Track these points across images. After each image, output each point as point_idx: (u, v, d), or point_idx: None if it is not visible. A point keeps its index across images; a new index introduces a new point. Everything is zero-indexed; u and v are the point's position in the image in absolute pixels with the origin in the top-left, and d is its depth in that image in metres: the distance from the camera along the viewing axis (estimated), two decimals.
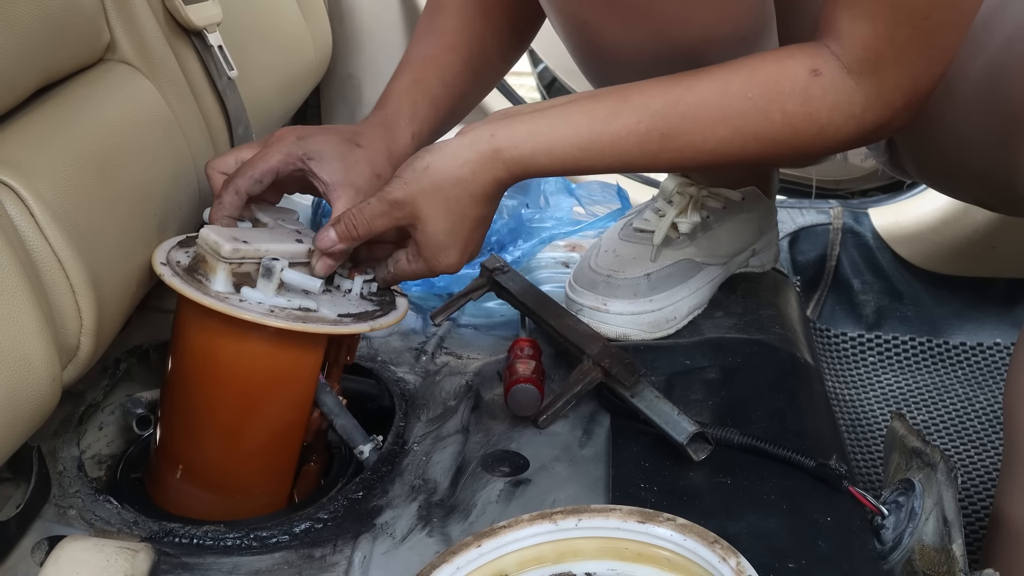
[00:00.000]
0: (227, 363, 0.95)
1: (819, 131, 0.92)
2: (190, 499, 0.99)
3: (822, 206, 1.69)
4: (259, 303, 0.92)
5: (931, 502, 0.89)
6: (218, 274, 0.93)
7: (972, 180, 1.08)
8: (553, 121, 0.94)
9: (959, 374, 1.60)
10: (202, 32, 1.29)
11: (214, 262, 0.93)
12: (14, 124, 0.92)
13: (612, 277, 1.19)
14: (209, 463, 0.98)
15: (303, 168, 1.01)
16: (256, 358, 0.94)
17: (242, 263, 0.93)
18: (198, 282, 0.93)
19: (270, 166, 1.00)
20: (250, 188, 1.00)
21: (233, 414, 0.97)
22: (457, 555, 0.75)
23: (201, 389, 0.96)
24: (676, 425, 0.96)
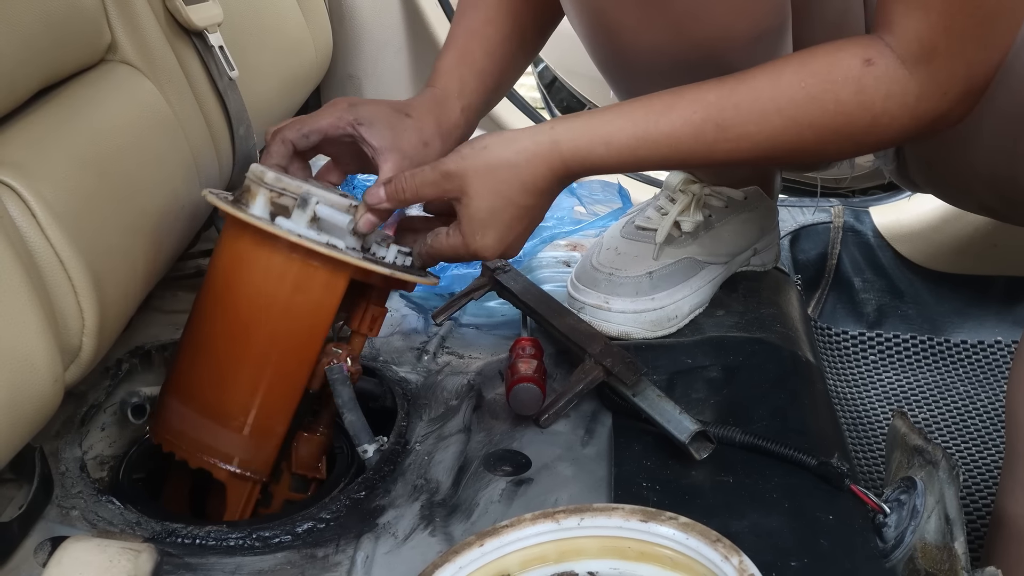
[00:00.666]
0: (250, 280, 0.98)
1: (873, 120, 0.92)
2: (183, 422, 1.00)
3: (823, 204, 1.69)
4: (290, 230, 0.94)
5: (933, 500, 0.89)
6: (257, 199, 0.96)
7: (980, 186, 1.07)
8: (610, 116, 0.96)
9: (960, 372, 1.60)
10: (203, 32, 1.29)
11: (256, 188, 0.97)
12: (15, 125, 0.92)
13: (614, 275, 1.19)
14: (215, 382, 0.99)
15: (352, 133, 1.03)
16: (278, 278, 0.97)
17: (282, 194, 0.96)
18: (239, 209, 0.96)
19: (319, 125, 1.04)
20: (296, 140, 1.03)
21: (247, 333, 0.98)
22: (459, 554, 0.75)
23: (221, 306, 0.99)
24: (678, 424, 0.96)
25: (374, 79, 2.05)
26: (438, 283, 1.05)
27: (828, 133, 0.94)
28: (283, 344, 0.98)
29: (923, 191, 1.30)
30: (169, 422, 1.01)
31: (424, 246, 1.02)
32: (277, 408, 0.99)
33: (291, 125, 1.05)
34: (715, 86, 0.94)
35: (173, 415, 1.01)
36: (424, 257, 1.03)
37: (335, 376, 0.99)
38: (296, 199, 0.95)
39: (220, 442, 0.99)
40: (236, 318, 0.98)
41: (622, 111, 0.96)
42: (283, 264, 0.96)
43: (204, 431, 0.99)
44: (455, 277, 1.34)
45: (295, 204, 0.95)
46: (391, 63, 2.06)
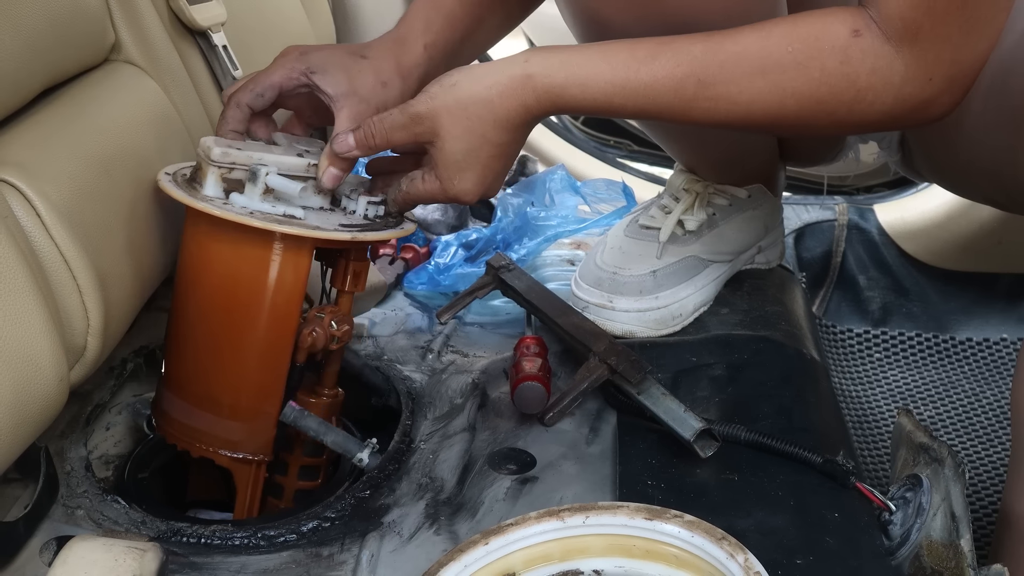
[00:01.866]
0: (212, 265, 0.96)
1: (856, 95, 0.89)
2: (180, 413, 1.00)
3: (827, 202, 1.68)
4: (243, 207, 0.93)
5: (939, 498, 0.89)
6: (208, 179, 0.94)
7: (982, 178, 1.07)
8: (590, 55, 0.92)
9: (965, 369, 1.60)
10: (206, 32, 1.29)
11: (206, 167, 0.95)
12: (20, 125, 0.92)
13: (618, 274, 1.19)
14: (199, 372, 0.99)
15: (307, 82, 1.01)
16: (240, 261, 0.95)
17: (232, 168, 0.94)
18: (194, 190, 0.94)
19: (272, 81, 1.01)
20: (251, 101, 1.01)
21: (220, 318, 0.97)
22: (465, 553, 0.75)
23: (192, 295, 0.98)
24: (683, 422, 0.96)
25: None
26: (415, 231, 1.02)
27: (810, 103, 0.90)
28: (258, 324, 0.96)
29: (929, 181, 1.30)
30: (168, 414, 1.01)
31: (399, 192, 1.00)
32: (265, 388, 0.98)
33: (244, 87, 1.02)
34: (702, 40, 0.91)
35: (170, 407, 1.01)
36: (400, 204, 1.00)
37: (291, 417, 0.98)
38: (247, 172, 0.94)
39: (216, 429, 0.99)
40: (208, 305, 0.97)
41: (604, 53, 0.92)
42: (243, 246, 0.94)
43: (199, 420, 0.99)
44: (459, 276, 1.34)
45: (247, 177, 0.94)
46: None
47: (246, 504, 1.01)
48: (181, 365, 1.00)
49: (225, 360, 0.98)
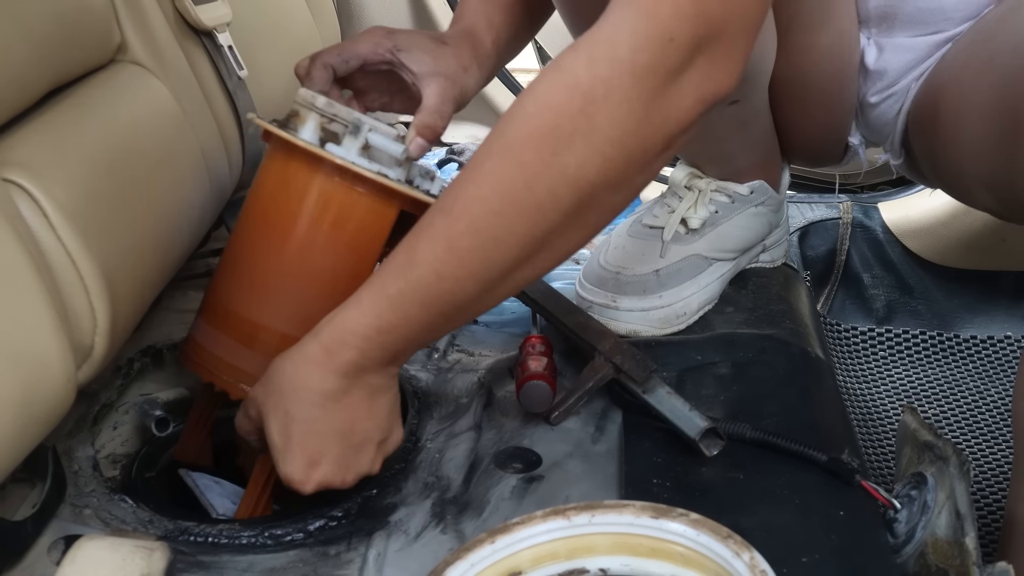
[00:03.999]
0: (299, 205, 0.96)
1: (585, 101, 0.75)
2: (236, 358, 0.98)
3: (831, 201, 1.68)
4: (343, 157, 0.94)
5: (943, 495, 0.89)
6: (308, 124, 0.95)
7: (981, 189, 1.07)
8: (355, 300, 0.85)
9: (970, 367, 1.60)
10: (212, 32, 1.29)
11: (306, 113, 0.95)
12: (26, 125, 0.92)
13: (621, 274, 1.19)
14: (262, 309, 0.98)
15: (391, 60, 1.01)
16: (329, 206, 0.96)
17: (333, 120, 0.95)
18: (288, 131, 0.95)
19: (359, 51, 1.02)
20: (337, 65, 1.01)
21: (295, 260, 0.97)
22: (471, 552, 0.75)
23: (269, 231, 0.98)
24: (688, 421, 0.96)
25: None
26: None
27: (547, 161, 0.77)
28: (333, 272, 0.96)
29: (932, 186, 1.30)
30: (210, 351, 0.99)
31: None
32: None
33: (329, 51, 1.02)
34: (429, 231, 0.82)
35: (214, 343, 0.99)
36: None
37: None
38: (347, 125, 0.94)
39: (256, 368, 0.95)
40: (284, 245, 0.97)
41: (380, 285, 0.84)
42: (335, 191, 0.95)
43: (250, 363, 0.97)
44: None
45: (346, 131, 0.95)
46: None
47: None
48: (240, 300, 0.99)
49: (293, 301, 0.97)
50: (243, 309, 0.98)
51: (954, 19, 1.07)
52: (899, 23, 1.11)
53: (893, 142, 1.18)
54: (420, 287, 0.82)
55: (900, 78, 1.12)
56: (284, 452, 0.88)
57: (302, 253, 0.97)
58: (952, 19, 1.07)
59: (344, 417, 0.87)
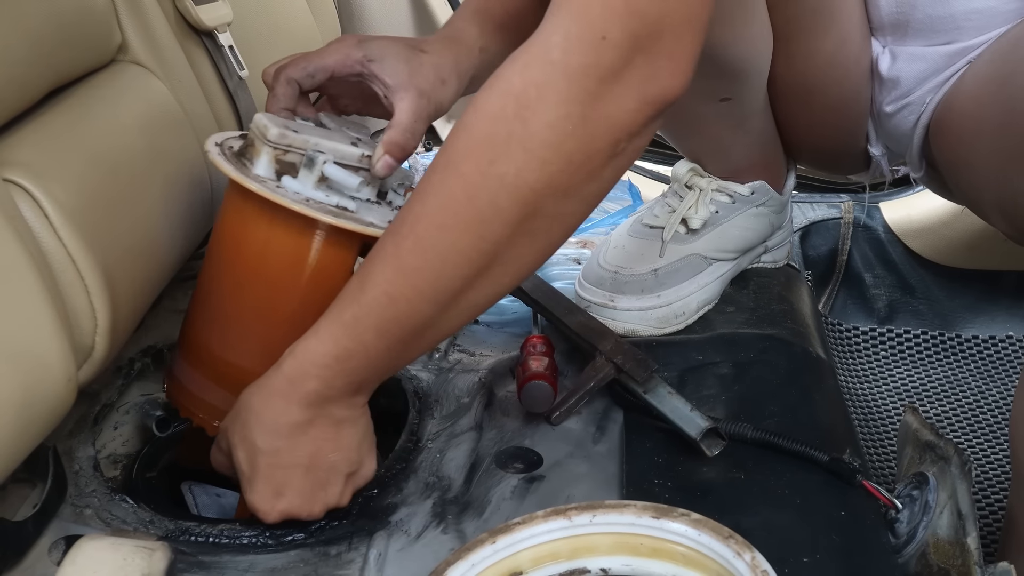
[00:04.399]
0: (257, 248, 0.94)
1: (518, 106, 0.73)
2: (202, 391, 0.98)
3: (833, 200, 1.68)
4: (296, 193, 0.90)
5: (945, 495, 0.89)
6: (261, 158, 0.92)
7: (994, 211, 1.06)
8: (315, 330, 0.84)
9: (972, 367, 1.60)
10: (213, 32, 1.29)
11: (260, 145, 0.92)
12: (27, 126, 0.92)
13: (619, 273, 1.19)
14: (229, 348, 0.96)
15: (362, 71, 0.97)
16: (286, 247, 0.93)
17: (288, 151, 0.91)
18: (243, 165, 0.92)
19: (325, 63, 0.97)
20: (301, 79, 0.97)
21: (258, 300, 0.95)
22: (472, 552, 0.75)
23: (230, 273, 0.96)
24: (689, 421, 0.96)
25: None
26: None
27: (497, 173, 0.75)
28: (299, 309, 0.94)
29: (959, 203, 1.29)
30: (185, 387, 0.99)
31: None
32: None
33: (295, 63, 0.98)
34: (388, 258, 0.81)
35: (188, 380, 0.99)
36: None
37: None
38: (302, 156, 0.91)
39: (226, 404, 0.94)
40: (249, 285, 0.95)
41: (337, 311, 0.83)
42: (290, 232, 0.92)
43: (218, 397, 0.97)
44: None
45: (301, 162, 0.91)
46: None
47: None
48: (209, 339, 0.98)
49: (259, 339, 0.96)
50: (216, 347, 0.97)
51: (965, 29, 1.06)
52: (911, 31, 1.10)
53: (911, 154, 1.17)
54: (374, 311, 0.81)
55: (914, 88, 1.12)
56: (251, 482, 0.87)
57: (267, 293, 0.95)
58: (963, 29, 1.06)
59: (309, 449, 0.86)
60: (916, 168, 1.19)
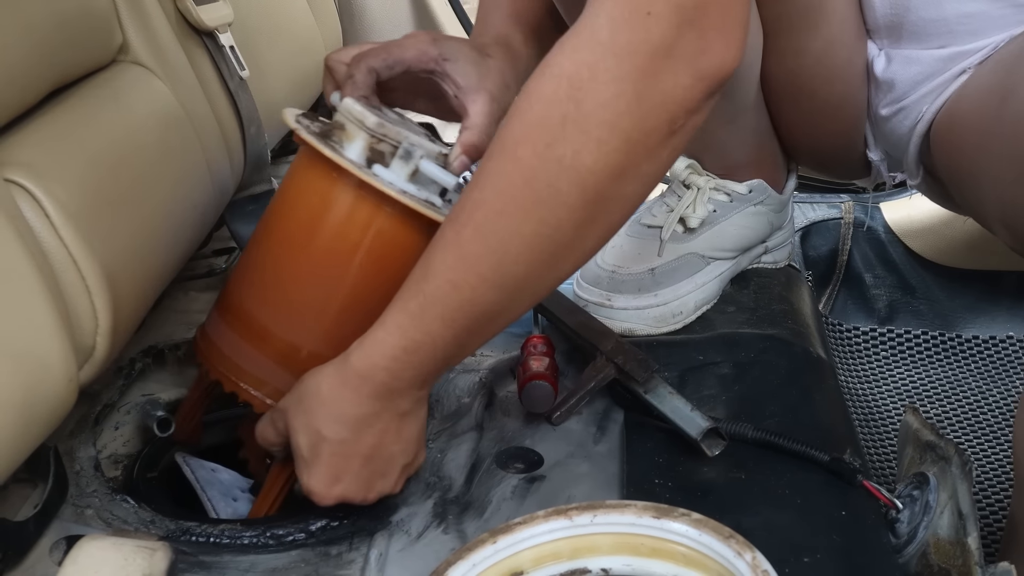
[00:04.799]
0: (340, 230, 0.93)
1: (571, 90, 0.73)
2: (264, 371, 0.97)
3: (833, 200, 1.68)
4: (390, 183, 0.91)
5: (946, 495, 0.89)
6: (355, 143, 0.92)
7: (998, 224, 1.05)
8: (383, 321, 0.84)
9: (972, 367, 1.60)
10: (213, 33, 1.29)
11: (355, 131, 0.92)
12: (28, 126, 0.92)
13: (616, 272, 1.19)
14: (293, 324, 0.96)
15: (436, 69, 0.97)
16: (371, 232, 0.93)
17: (382, 140, 0.92)
18: (331, 147, 0.92)
19: (404, 57, 0.98)
20: (381, 69, 0.97)
21: (330, 282, 0.95)
22: (473, 552, 0.75)
23: (303, 251, 0.95)
24: (690, 421, 0.96)
25: None
26: None
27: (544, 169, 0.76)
28: (367, 294, 0.94)
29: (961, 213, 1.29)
30: (224, 353, 0.98)
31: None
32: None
33: (375, 53, 0.97)
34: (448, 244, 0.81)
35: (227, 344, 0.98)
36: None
37: None
38: (396, 147, 0.92)
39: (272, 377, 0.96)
40: (317, 262, 0.95)
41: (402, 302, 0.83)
42: (382, 219, 0.92)
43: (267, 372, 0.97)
44: None
45: (394, 153, 0.92)
46: None
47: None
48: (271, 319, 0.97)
49: (338, 318, 0.96)
50: (271, 323, 0.97)
51: (958, 33, 1.06)
52: (905, 34, 1.10)
53: (908, 161, 1.17)
54: (438, 299, 0.81)
55: (909, 92, 1.11)
56: (309, 466, 0.88)
57: (345, 278, 0.95)
58: (956, 33, 1.06)
59: (373, 441, 0.87)
60: (913, 175, 1.18)
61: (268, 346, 0.97)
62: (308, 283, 0.96)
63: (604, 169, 0.75)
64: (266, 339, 0.97)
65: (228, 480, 1.06)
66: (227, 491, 1.05)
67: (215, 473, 1.06)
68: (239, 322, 0.98)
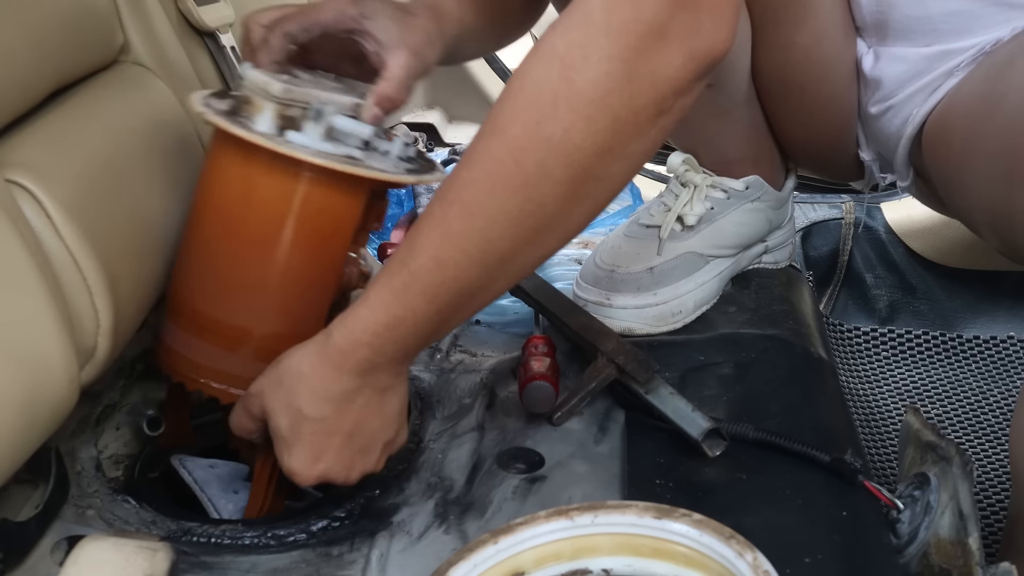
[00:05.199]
0: (266, 205, 0.92)
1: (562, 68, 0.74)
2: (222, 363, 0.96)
3: (834, 200, 1.68)
4: (304, 147, 0.89)
5: (947, 496, 0.89)
6: (264, 114, 0.91)
7: (986, 228, 1.05)
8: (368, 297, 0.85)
9: (973, 367, 1.60)
10: (215, 33, 1.29)
11: (262, 102, 0.91)
12: (30, 126, 0.92)
13: (615, 272, 1.19)
14: (232, 311, 0.95)
15: (355, 28, 0.98)
16: (297, 201, 0.91)
17: (290, 105, 0.91)
18: (240, 124, 0.90)
19: (320, 19, 0.98)
20: (297, 33, 0.98)
21: (266, 259, 0.93)
22: (474, 552, 0.75)
23: (233, 234, 0.94)
24: (691, 421, 0.96)
25: None
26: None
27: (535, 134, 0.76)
28: (307, 263, 0.94)
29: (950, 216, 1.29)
30: (181, 353, 0.98)
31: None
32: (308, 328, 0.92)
33: (291, 18, 0.98)
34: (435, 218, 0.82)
35: (194, 351, 0.97)
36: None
37: None
38: (306, 109, 0.91)
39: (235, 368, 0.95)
40: (250, 242, 0.93)
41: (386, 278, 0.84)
42: (306, 187, 0.91)
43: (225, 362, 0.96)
44: None
45: (305, 115, 0.91)
46: None
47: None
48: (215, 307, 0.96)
49: (269, 299, 0.95)
50: (218, 312, 0.96)
51: (943, 32, 1.06)
52: (891, 32, 1.10)
53: (897, 163, 1.17)
54: (422, 276, 0.81)
55: (897, 90, 1.11)
56: (290, 447, 0.88)
57: (281, 253, 0.93)
58: (941, 31, 1.06)
59: (355, 418, 0.87)
60: (903, 177, 1.18)
61: (220, 337, 0.96)
62: (245, 264, 0.94)
63: (592, 147, 0.76)
64: (216, 330, 0.96)
65: (228, 473, 1.06)
66: (227, 485, 1.05)
67: (213, 469, 1.06)
68: (187, 320, 0.97)
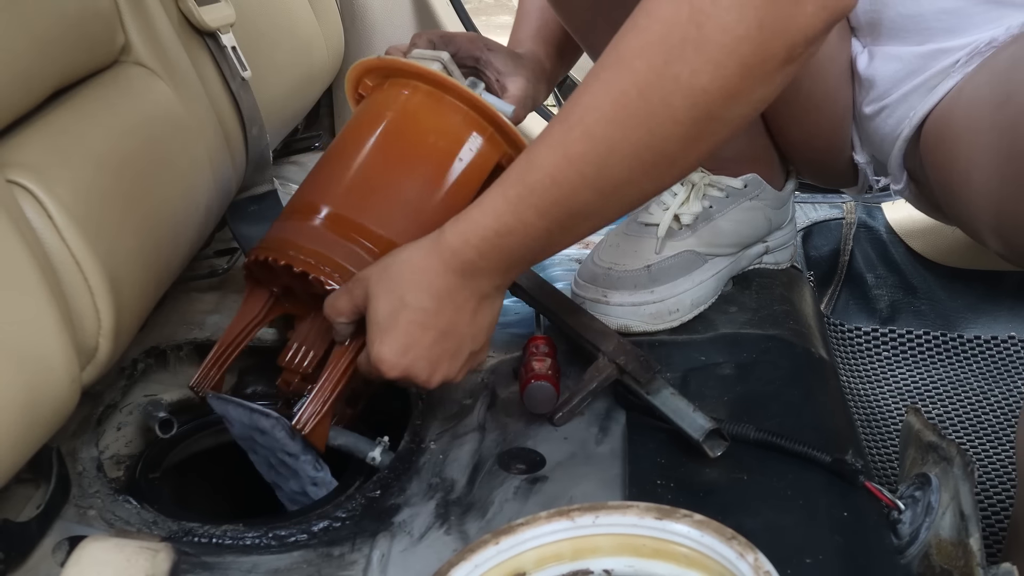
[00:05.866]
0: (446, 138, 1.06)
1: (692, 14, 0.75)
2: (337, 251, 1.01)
3: (835, 200, 1.68)
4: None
5: (948, 496, 0.89)
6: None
7: (989, 232, 1.05)
8: (488, 197, 0.88)
9: (974, 368, 1.60)
10: (216, 33, 1.29)
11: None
12: (31, 126, 0.92)
13: (612, 270, 1.19)
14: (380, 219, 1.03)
15: (481, 56, 1.14)
16: (468, 142, 1.06)
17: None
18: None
19: (456, 40, 1.14)
20: (438, 44, 1.13)
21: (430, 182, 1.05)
22: (475, 553, 0.75)
23: (399, 148, 1.06)
24: (692, 422, 0.96)
25: None
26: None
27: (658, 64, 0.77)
28: (459, 194, 1.04)
29: (946, 222, 1.28)
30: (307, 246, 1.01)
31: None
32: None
33: (433, 31, 1.15)
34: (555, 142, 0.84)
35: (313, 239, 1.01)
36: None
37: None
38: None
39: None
40: (414, 163, 1.05)
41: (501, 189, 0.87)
42: (472, 129, 1.06)
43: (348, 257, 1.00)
44: None
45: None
46: None
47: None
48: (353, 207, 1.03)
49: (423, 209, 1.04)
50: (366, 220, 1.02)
51: (936, 30, 1.06)
52: (884, 31, 1.10)
53: (891, 165, 1.16)
54: (537, 191, 0.84)
55: (891, 90, 1.11)
56: (385, 333, 0.90)
57: (439, 175, 1.04)
58: (934, 30, 1.06)
59: (450, 317, 0.91)
60: (897, 180, 1.18)
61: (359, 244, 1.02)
62: (414, 187, 1.05)
63: (719, 91, 0.77)
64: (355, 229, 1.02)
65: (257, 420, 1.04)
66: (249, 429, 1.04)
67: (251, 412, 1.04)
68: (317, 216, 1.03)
